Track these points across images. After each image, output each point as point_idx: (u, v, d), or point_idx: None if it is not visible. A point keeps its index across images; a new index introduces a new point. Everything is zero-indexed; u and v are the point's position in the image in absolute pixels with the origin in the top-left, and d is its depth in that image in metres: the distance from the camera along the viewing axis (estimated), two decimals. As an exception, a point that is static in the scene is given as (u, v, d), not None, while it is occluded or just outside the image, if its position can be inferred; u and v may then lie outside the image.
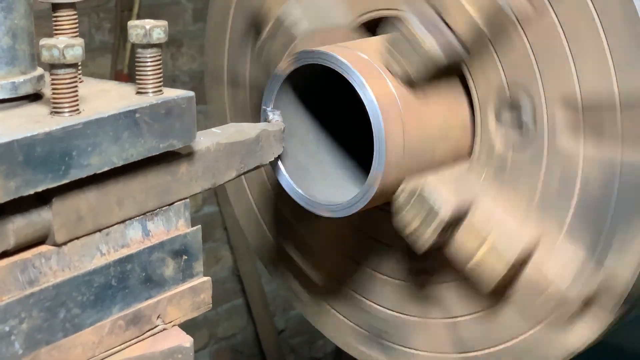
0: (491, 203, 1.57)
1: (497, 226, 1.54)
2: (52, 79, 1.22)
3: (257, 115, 1.81)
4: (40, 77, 1.32)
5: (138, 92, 1.32)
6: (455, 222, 1.55)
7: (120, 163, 1.26)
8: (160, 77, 1.33)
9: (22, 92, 1.28)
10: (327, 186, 1.66)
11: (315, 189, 1.64)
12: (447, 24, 1.52)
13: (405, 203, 1.56)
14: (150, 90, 1.32)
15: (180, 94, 1.33)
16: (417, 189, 1.55)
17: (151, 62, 1.32)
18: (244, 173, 1.51)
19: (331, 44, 1.60)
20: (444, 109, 1.62)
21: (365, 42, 1.65)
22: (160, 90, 1.33)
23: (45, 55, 1.20)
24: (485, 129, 1.60)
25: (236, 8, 1.90)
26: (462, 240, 1.56)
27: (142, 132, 1.28)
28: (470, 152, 1.64)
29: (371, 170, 1.52)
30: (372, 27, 1.72)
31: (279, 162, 1.61)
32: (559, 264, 1.53)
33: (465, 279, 1.63)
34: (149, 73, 1.32)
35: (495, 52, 1.56)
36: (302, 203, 1.62)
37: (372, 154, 1.52)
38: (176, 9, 4.61)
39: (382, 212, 1.71)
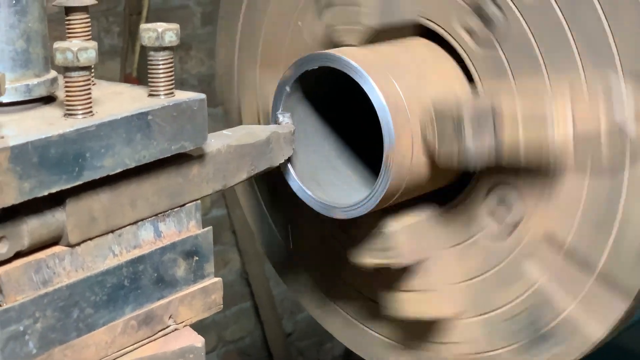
0: (437, 261, 1.65)
1: (430, 289, 1.63)
2: (66, 82, 1.23)
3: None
4: (54, 80, 1.33)
5: (150, 95, 1.34)
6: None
7: (132, 165, 1.27)
8: (172, 80, 1.34)
9: (36, 94, 1.30)
10: (337, 188, 1.67)
11: (325, 190, 1.64)
12: (495, 130, 1.50)
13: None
14: (162, 93, 1.33)
15: (191, 96, 1.35)
16: (385, 227, 1.61)
17: (163, 64, 1.33)
18: (255, 175, 1.52)
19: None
20: (434, 73, 1.63)
21: (407, 59, 1.65)
22: (172, 93, 1.34)
23: (59, 58, 1.21)
24: (471, 198, 1.64)
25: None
26: (396, 278, 1.64)
27: (154, 134, 1.29)
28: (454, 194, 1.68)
29: (381, 170, 1.53)
30: None
31: (289, 164, 1.62)
32: (461, 337, 1.62)
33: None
34: (161, 76, 1.33)
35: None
36: (312, 205, 1.62)
37: (382, 150, 1.52)
38: (185, 12, 4.62)
39: None
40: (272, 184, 1.95)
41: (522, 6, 1.54)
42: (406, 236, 1.65)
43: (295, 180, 1.63)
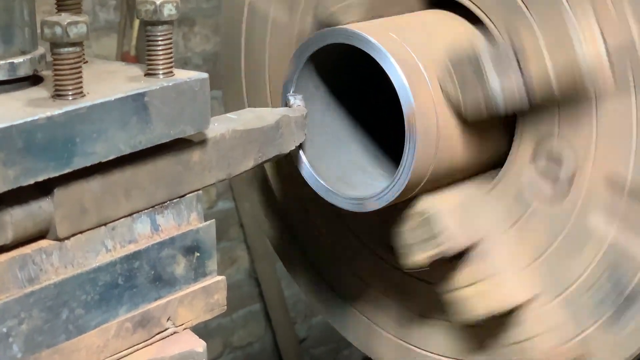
0: (497, 244, 1.62)
1: (495, 273, 1.60)
2: (54, 59, 1.24)
3: (277, 57, 1.83)
4: (42, 57, 1.34)
5: (147, 74, 1.34)
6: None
7: (127, 151, 1.27)
8: (171, 58, 1.35)
9: (21, 73, 1.30)
10: (352, 178, 1.68)
11: (339, 180, 1.65)
12: (520, 67, 1.53)
13: (409, 218, 1.61)
14: (161, 72, 1.34)
15: (192, 75, 1.35)
16: (427, 211, 1.59)
17: (162, 41, 1.34)
18: (263, 162, 1.52)
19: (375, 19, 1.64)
20: (483, 133, 1.65)
21: (417, 24, 1.67)
22: (171, 72, 1.35)
23: (47, 34, 1.21)
24: (517, 165, 1.62)
25: None
26: (455, 271, 1.62)
27: (151, 118, 1.29)
28: (495, 174, 1.67)
29: (406, 137, 1.53)
30: None
31: (301, 152, 1.62)
32: (544, 326, 1.60)
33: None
34: (159, 53, 1.34)
35: (558, 107, 1.56)
36: (325, 196, 1.63)
37: (401, 145, 1.53)
38: None
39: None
40: (284, 171, 1.95)
41: (581, 215, 1.55)
42: (454, 215, 1.62)
43: (308, 169, 1.63)
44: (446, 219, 1.59)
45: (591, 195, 1.56)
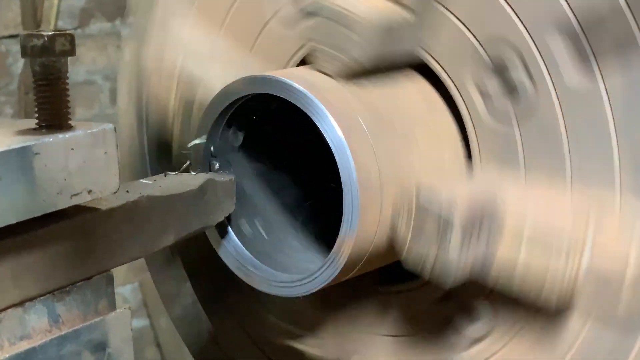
0: (517, 192, 1.41)
1: (531, 212, 1.37)
2: None
3: None
4: None
5: (37, 126, 1.20)
6: (482, 227, 1.36)
7: (12, 221, 1.13)
8: (67, 106, 1.21)
9: None
10: (284, 255, 1.53)
11: (266, 260, 1.49)
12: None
13: (407, 229, 1.38)
14: (54, 123, 1.19)
15: (95, 127, 1.21)
16: (412, 203, 1.38)
17: (55, 84, 1.19)
18: (185, 237, 1.40)
19: None
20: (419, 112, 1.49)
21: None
22: (69, 124, 1.20)
23: None
24: (474, 115, 1.44)
25: None
26: (499, 252, 1.37)
27: (42, 178, 1.15)
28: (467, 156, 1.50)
29: (330, 256, 1.38)
30: None
31: (229, 228, 1.47)
32: (629, 234, 1.34)
33: None
34: (53, 99, 1.19)
35: (444, 6, 1.41)
36: (245, 278, 1.46)
37: (342, 207, 1.37)
38: (91, 89, 4.57)
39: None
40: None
41: (562, 85, 1.36)
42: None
43: (226, 249, 1.46)
44: (438, 188, 1.37)
45: (552, 61, 1.36)
